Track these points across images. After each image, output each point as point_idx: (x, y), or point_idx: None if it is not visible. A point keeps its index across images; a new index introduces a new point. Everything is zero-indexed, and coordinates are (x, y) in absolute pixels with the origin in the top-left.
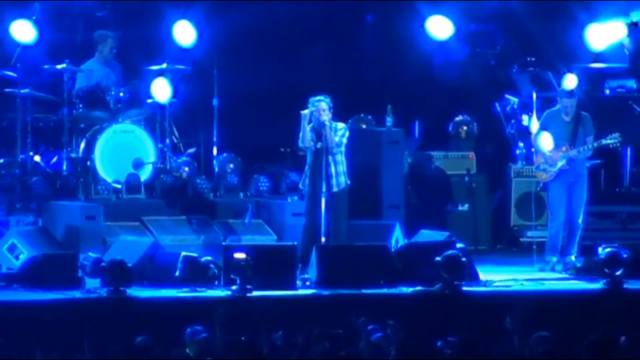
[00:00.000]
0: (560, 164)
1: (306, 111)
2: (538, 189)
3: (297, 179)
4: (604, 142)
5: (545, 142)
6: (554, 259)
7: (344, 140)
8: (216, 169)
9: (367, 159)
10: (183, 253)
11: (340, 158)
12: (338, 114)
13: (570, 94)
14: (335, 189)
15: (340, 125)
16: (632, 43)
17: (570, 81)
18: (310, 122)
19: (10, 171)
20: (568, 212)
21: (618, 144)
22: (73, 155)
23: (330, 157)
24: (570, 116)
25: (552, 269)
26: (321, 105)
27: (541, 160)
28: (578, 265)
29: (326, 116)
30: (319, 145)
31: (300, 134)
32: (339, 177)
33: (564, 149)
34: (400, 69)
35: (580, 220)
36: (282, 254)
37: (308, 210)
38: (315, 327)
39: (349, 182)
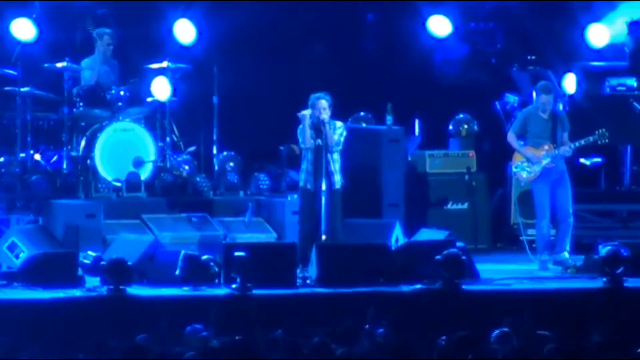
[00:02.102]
0: (545, 162)
1: (305, 112)
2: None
3: (297, 177)
4: (591, 139)
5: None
6: (547, 258)
7: (342, 140)
8: (216, 167)
9: (367, 158)
10: (183, 251)
11: (337, 157)
12: (338, 112)
13: (547, 90)
14: (336, 187)
15: (339, 124)
16: (632, 41)
17: (570, 82)
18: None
19: (10, 170)
20: (557, 209)
21: (606, 140)
22: (73, 153)
23: (329, 155)
24: (547, 113)
25: (546, 268)
26: (321, 103)
27: (520, 159)
28: (578, 263)
29: (326, 114)
30: (318, 142)
31: (300, 135)
32: (337, 175)
33: (546, 147)
34: (401, 67)
35: (570, 218)
36: (282, 252)
37: (305, 207)
38: (316, 325)
39: (343, 181)
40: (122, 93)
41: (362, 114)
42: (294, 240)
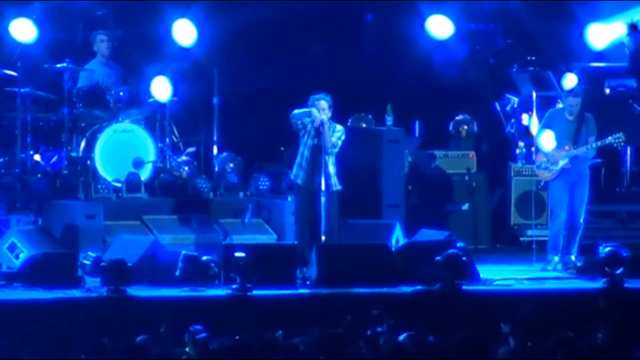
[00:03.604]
0: (562, 162)
1: (315, 113)
2: (539, 187)
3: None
4: (607, 141)
5: (547, 141)
6: (556, 259)
7: (339, 143)
8: (216, 168)
9: (367, 158)
10: (183, 252)
11: (333, 159)
12: (338, 113)
13: (576, 93)
14: (333, 188)
15: (339, 127)
16: (632, 42)
17: (569, 81)
18: (310, 119)
19: (10, 170)
20: (569, 211)
21: (622, 143)
22: (73, 154)
23: (325, 157)
24: (574, 115)
25: (554, 269)
26: (321, 104)
27: (543, 159)
28: (578, 264)
29: (325, 115)
30: (315, 141)
31: (298, 111)
32: (335, 178)
33: (566, 147)
34: (401, 68)
35: (581, 220)
36: (282, 253)
37: (303, 207)
38: (315, 326)
39: (340, 185)
40: (121, 94)
41: (362, 114)
42: (294, 241)
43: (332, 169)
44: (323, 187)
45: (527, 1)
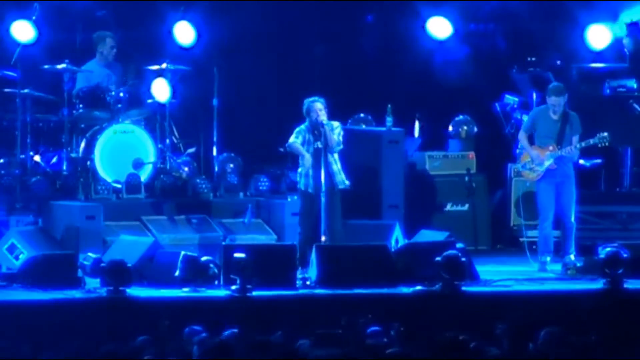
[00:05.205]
0: (547, 163)
1: (307, 162)
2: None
3: (296, 179)
4: (592, 142)
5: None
6: (548, 259)
7: (341, 139)
8: (216, 169)
9: (366, 159)
10: (183, 253)
11: (337, 157)
12: (338, 114)
13: (557, 92)
14: (340, 187)
15: (336, 124)
16: (632, 42)
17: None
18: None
19: (10, 171)
20: (559, 212)
21: (606, 144)
22: (73, 155)
23: (330, 156)
24: (558, 114)
25: (545, 269)
26: (316, 106)
27: (527, 158)
28: (578, 265)
29: (323, 116)
30: (317, 145)
31: (294, 140)
32: (341, 175)
33: (550, 147)
34: (401, 68)
35: (572, 219)
36: (282, 253)
37: (306, 210)
38: (315, 327)
39: (348, 180)
40: (121, 95)
41: (361, 115)
42: (294, 241)
43: (336, 167)
44: (324, 187)
45: (527, 1)
